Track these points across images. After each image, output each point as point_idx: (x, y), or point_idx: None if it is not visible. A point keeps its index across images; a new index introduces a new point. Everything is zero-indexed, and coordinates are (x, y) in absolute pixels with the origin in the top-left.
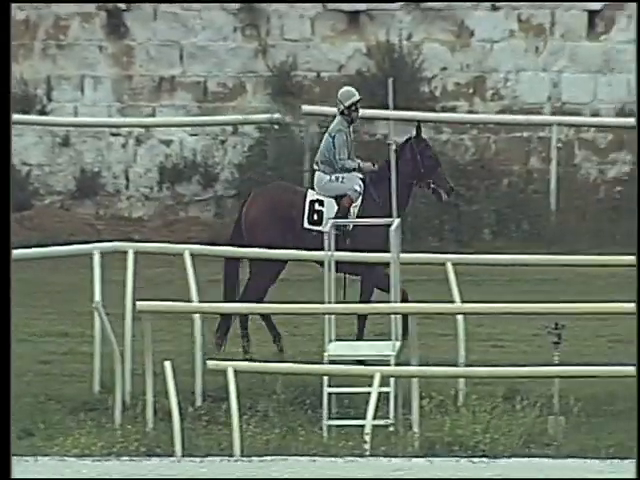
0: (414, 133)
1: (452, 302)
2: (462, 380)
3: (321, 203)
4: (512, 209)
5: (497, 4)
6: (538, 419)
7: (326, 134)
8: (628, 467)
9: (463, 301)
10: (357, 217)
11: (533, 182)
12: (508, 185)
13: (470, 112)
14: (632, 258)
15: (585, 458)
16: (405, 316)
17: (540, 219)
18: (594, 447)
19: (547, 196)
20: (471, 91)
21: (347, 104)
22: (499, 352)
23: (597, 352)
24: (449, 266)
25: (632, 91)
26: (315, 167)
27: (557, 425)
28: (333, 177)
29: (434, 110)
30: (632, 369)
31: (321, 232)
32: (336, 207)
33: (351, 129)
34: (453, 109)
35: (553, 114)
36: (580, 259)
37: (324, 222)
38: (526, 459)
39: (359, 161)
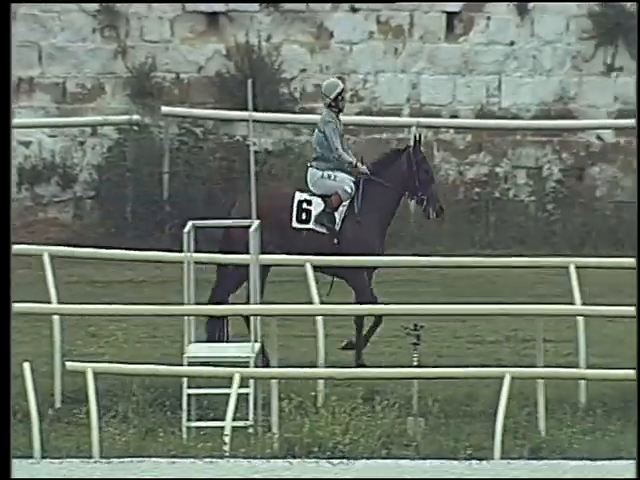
0: (412, 142)
1: (311, 303)
2: (321, 381)
3: (309, 203)
4: None
5: (356, 6)
6: (397, 420)
7: (315, 130)
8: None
9: (322, 302)
10: (342, 222)
11: None
12: None
13: None
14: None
15: (444, 459)
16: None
17: (400, 220)
18: (453, 448)
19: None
20: None
21: (333, 96)
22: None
23: (455, 353)
24: (308, 267)
25: (491, 93)
26: (308, 164)
27: (416, 426)
28: (325, 174)
29: (293, 111)
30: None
31: (310, 230)
32: (323, 205)
33: (340, 119)
34: (312, 110)
35: (411, 116)
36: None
37: (312, 220)
38: (385, 460)
39: (356, 160)
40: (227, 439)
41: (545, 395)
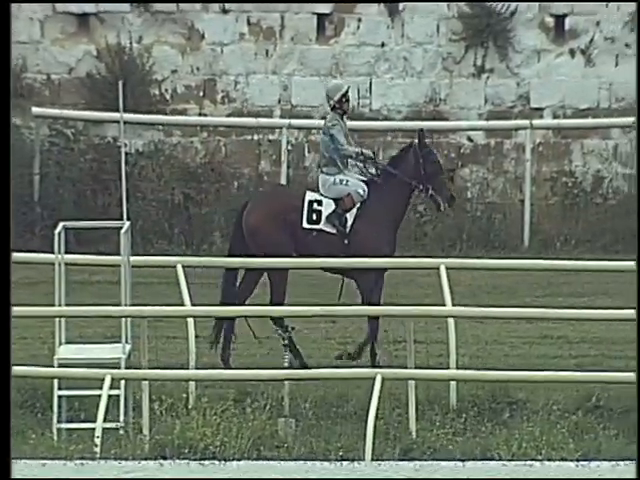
0: (417, 139)
1: (182, 305)
2: (193, 383)
3: (319, 203)
4: None
5: (227, 7)
6: (268, 421)
7: (321, 135)
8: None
9: (193, 304)
10: (353, 222)
11: (264, 185)
12: (238, 188)
13: (200, 115)
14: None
15: (315, 460)
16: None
17: None
18: (324, 449)
19: None
20: (201, 94)
21: (337, 98)
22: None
23: (327, 354)
24: (179, 268)
25: (362, 94)
26: (318, 171)
27: (287, 427)
28: (337, 179)
29: (164, 113)
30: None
31: (320, 230)
32: (334, 206)
33: (344, 121)
34: (183, 112)
35: (283, 117)
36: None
37: (323, 220)
38: (256, 461)
39: (361, 148)
40: (98, 441)
41: (416, 396)
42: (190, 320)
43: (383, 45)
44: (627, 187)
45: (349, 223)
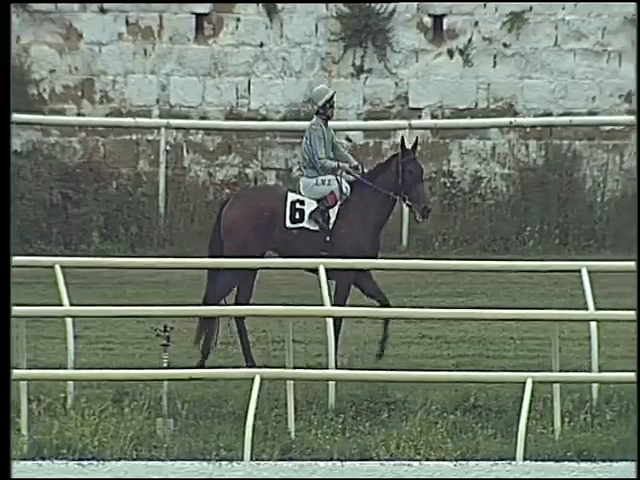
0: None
1: (61, 305)
2: (71, 383)
3: (302, 202)
4: (121, 212)
5: (105, 6)
6: (147, 421)
7: (303, 139)
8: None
9: (72, 304)
10: (335, 220)
11: (142, 185)
12: (117, 188)
13: (79, 115)
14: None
15: (194, 460)
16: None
17: (149, 221)
18: (202, 449)
19: (156, 199)
20: (79, 94)
21: (321, 103)
22: (108, 355)
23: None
24: (58, 269)
25: (241, 94)
26: (299, 173)
27: (165, 427)
28: (319, 180)
29: (43, 112)
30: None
31: (303, 228)
32: (316, 204)
33: (328, 126)
34: (62, 111)
35: (161, 117)
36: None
37: (306, 218)
38: (135, 461)
39: (338, 162)
40: None
41: (295, 396)
42: (69, 320)
43: (262, 45)
44: (505, 187)
45: (332, 220)
